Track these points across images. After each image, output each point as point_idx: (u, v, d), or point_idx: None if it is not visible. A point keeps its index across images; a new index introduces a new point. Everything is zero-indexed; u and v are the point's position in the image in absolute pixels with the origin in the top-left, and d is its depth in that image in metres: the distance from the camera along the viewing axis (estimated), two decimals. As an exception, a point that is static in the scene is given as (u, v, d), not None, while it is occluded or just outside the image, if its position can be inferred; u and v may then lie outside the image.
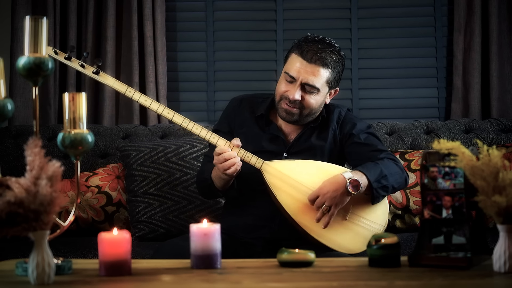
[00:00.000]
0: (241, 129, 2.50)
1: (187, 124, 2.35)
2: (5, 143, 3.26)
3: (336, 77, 2.41)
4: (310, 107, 2.39)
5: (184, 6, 3.73)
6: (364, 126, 2.51)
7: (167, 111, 2.36)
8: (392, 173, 2.35)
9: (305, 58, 2.35)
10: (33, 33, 1.60)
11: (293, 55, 2.40)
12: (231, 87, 3.70)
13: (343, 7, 3.71)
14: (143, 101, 2.36)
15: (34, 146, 1.53)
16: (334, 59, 2.38)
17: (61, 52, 2.28)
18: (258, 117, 2.49)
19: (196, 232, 1.71)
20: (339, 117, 2.50)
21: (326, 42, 2.40)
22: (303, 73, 2.35)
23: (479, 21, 3.49)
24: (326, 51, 2.37)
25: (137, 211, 2.98)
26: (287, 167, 2.35)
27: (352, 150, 2.47)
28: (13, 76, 3.48)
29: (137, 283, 1.58)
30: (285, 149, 2.46)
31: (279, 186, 2.33)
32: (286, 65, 2.41)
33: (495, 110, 3.47)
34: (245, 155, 2.34)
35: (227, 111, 2.58)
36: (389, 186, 2.35)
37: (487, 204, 1.56)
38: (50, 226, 1.51)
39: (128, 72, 3.55)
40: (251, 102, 2.55)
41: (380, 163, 2.36)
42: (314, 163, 2.38)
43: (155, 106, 2.35)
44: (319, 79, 2.36)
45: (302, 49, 2.37)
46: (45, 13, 3.48)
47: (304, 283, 1.54)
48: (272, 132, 2.47)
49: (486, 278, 1.55)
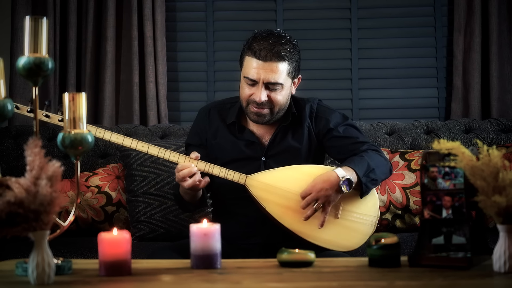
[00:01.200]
0: (215, 140, 2.46)
1: (163, 153, 2.32)
2: (5, 143, 3.26)
3: (295, 66, 2.36)
4: (279, 103, 2.35)
5: (184, 6, 3.74)
6: (340, 119, 2.46)
7: (141, 145, 2.33)
8: (378, 165, 2.34)
9: (259, 58, 2.29)
10: (33, 33, 1.60)
11: (247, 57, 2.33)
12: (231, 87, 3.69)
13: (343, 7, 3.71)
14: (115, 138, 2.33)
15: (34, 146, 1.53)
16: (288, 49, 2.32)
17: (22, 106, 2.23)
18: (230, 125, 2.45)
19: (196, 232, 1.71)
20: (311, 111, 2.45)
21: (275, 35, 2.33)
22: (262, 73, 2.30)
23: (479, 21, 3.49)
24: (279, 44, 2.31)
25: (137, 211, 2.98)
26: (271, 177, 2.33)
27: (332, 144, 2.43)
28: (13, 76, 3.48)
29: (137, 283, 1.58)
30: (262, 153, 2.42)
31: (266, 197, 2.31)
32: (243, 69, 2.34)
33: (495, 110, 3.47)
34: (226, 174, 2.32)
35: (197, 123, 2.53)
36: (378, 179, 2.34)
37: (487, 204, 1.56)
38: (50, 226, 1.51)
39: (128, 72, 3.55)
40: (219, 110, 2.49)
41: (365, 156, 2.34)
42: (297, 167, 2.36)
43: (128, 142, 2.33)
44: (279, 74, 2.31)
45: (255, 49, 2.30)
46: (45, 13, 3.48)
47: (304, 283, 1.54)
48: (246, 138, 2.43)
49: (486, 278, 1.55)
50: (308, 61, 3.66)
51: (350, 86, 3.68)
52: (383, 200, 2.98)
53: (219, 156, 2.42)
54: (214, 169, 2.32)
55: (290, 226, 2.29)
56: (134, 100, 3.53)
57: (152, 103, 3.53)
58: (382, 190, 2.98)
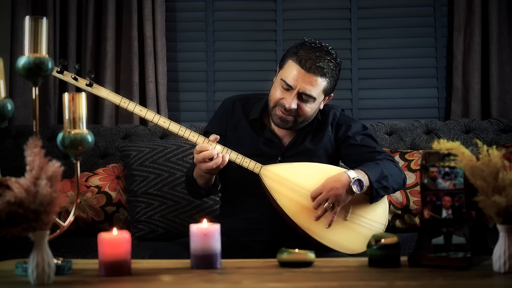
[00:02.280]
0: (234, 133, 2.46)
1: (184, 132, 2.32)
2: (5, 143, 3.26)
3: (332, 85, 2.37)
4: (305, 115, 2.36)
5: (184, 6, 3.74)
6: (359, 128, 2.49)
7: (162, 120, 2.32)
8: (392, 174, 2.35)
9: (303, 67, 2.29)
10: (33, 33, 1.60)
11: (290, 61, 2.32)
12: (231, 87, 3.70)
13: (343, 7, 3.71)
14: (138, 111, 2.32)
15: (34, 146, 1.53)
16: (332, 67, 2.32)
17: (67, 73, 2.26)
18: (252, 121, 2.46)
19: (196, 232, 1.71)
20: (334, 119, 2.48)
21: (324, 50, 2.33)
22: (300, 82, 2.29)
23: (479, 21, 3.49)
24: (324, 60, 2.30)
25: (137, 211, 2.98)
26: (286, 170, 2.34)
27: (349, 152, 2.46)
28: (13, 76, 3.48)
29: (137, 283, 1.58)
30: (280, 153, 2.43)
31: (279, 189, 2.31)
32: (283, 71, 2.34)
33: (495, 110, 3.47)
34: (243, 161, 2.32)
35: (220, 113, 2.53)
36: (389, 187, 2.35)
37: (487, 204, 1.56)
38: (50, 226, 1.51)
39: (128, 72, 3.55)
40: (244, 104, 2.50)
41: (380, 163, 2.35)
42: (312, 165, 2.37)
43: (150, 116, 2.32)
44: (316, 88, 2.31)
45: (300, 57, 2.29)
46: (45, 13, 3.48)
47: (304, 283, 1.54)
48: (266, 136, 2.44)
49: (486, 278, 1.55)
50: (308, 61, 3.66)
51: (350, 86, 3.68)
52: (383, 200, 2.98)
53: (236, 149, 2.39)
54: (231, 154, 2.31)
55: (298, 221, 2.29)
56: (134, 100, 3.52)
57: (152, 103, 3.53)
58: (382, 190, 2.98)
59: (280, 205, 2.30)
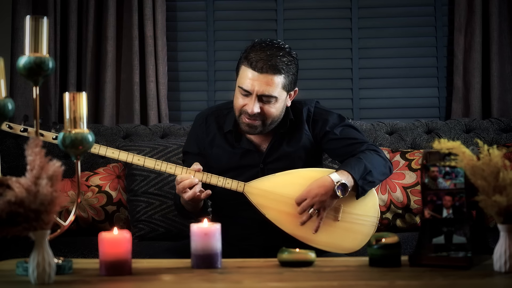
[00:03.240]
0: (212, 149, 2.44)
1: (160, 165, 2.31)
2: (6, 143, 3.26)
3: (292, 79, 2.32)
4: (272, 116, 2.32)
5: (184, 6, 3.74)
6: (337, 120, 2.43)
7: (137, 158, 2.32)
8: (375, 166, 2.30)
9: (255, 69, 2.25)
10: (33, 32, 1.60)
11: (243, 67, 2.29)
12: (231, 87, 3.64)
13: (343, 6, 3.71)
14: (110, 153, 2.33)
15: (35, 145, 1.53)
16: (286, 62, 2.28)
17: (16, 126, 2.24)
18: (227, 133, 2.43)
19: (196, 231, 1.71)
20: (309, 115, 2.43)
21: (274, 47, 2.28)
22: (256, 85, 2.26)
23: (479, 20, 3.49)
24: (276, 57, 2.26)
25: (138, 210, 2.98)
26: (269, 183, 2.31)
27: (330, 147, 2.41)
28: (13, 76, 3.48)
29: (138, 282, 1.58)
30: (260, 160, 2.40)
31: (266, 204, 2.30)
32: (238, 78, 2.31)
33: (495, 110, 3.47)
34: (224, 182, 2.31)
35: (194, 132, 2.50)
36: (375, 180, 2.31)
37: (488, 203, 1.56)
38: (50, 225, 1.51)
39: (128, 71, 3.55)
40: (217, 116, 2.47)
41: (363, 157, 2.31)
42: (295, 172, 2.34)
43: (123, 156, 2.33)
44: (274, 87, 2.27)
45: (251, 60, 2.25)
46: (45, 13, 3.48)
47: (305, 283, 1.54)
48: (243, 146, 2.41)
49: (486, 278, 1.55)
50: (308, 61, 3.66)
51: (350, 85, 3.68)
52: (384, 199, 2.98)
53: (216, 165, 2.39)
54: (212, 178, 2.30)
55: (291, 231, 2.29)
56: (134, 99, 3.53)
57: (153, 103, 3.53)
58: (382, 190, 2.98)
59: (270, 219, 2.30)
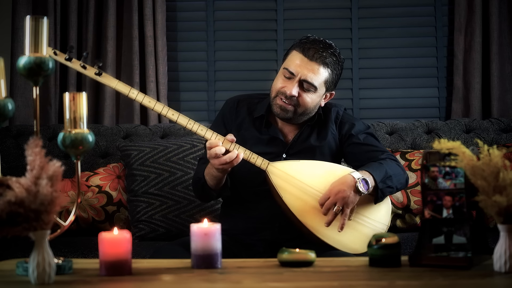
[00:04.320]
0: (239, 132, 2.46)
1: (192, 125, 2.30)
2: (6, 143, 3.26)
3: (334, 79, 2.39)
4: (305, 106, 2.36)
5: (184, 6, 3.74)
6: (362, 127, 2.50)
7: (171, 113, 2.29)
8: (395, 174, 2.35)
9: (306, 55, 2.34)
10: (33, 33, 1.60)
11: (294, 51, 2.38)
12: (231, 87, 3.70)
13: (343, 6, 3.71)
14: (147, 102, 2.29)
15: (35, 145, 1.53)
16: (334, 60, 2.37)
17: (61, 53, 2.20)
18: (256, 119, 2.46)
19: (196, 231, 1.71)
20: (337, 117, 2.49)
21: (328, 44, 2.39)
22: (303, 69, 2.33)
23: (479, 21, 3.49)
24: (328, 51, 2.36)
25: (138, 210, 2.98)
26: (293, 168, 2.33)
27: (351, 150, 2.46)
28: (13, 76, 3.48)
29: (138, 282, 1.58)
30: (284, 150, 2.44)
31: (285, 187, 2.31)
32: (286, 61, 2.39)
33: (495, 110, 3.47)
34: (250, 156, 2.32)
35: (224, 112, 2.53)
36: (394, 186, 2.35)
37: (488, 204, 1.56)
38: (50, 225, 1.51)
39: (128, 72, 3.55)
40: (248, 103, 2.52)
41: (383, 163, 2.36)
42: (319, 163, 2.37)
43: (159, 107, 2.30)
44: (318, 77, 2.34)
45: (304, 46, 2.35)
46: (45, 13, 3.48)
47: (305, 283, 1.54)
48: (270, 133, 2.45)
49: (486, 278, 1.55)
50: (309, 60, 3.66)
51: (350, 85, 3.69)
52: (384, 199, 2.98)
53: None
54: (239, 149, 2.28)
55: (304, 220, 2.29)
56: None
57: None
58: (382, 190, 2.98)
59: (286, 203, 2.30)
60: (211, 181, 2.35)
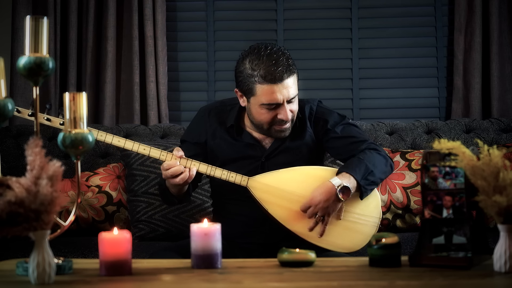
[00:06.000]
0: (214, 140, 2.45)
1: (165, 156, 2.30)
2: (6, 143, 3.26)
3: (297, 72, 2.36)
4: (296, 112, 2.38)
5: (184, 6, 3.74)
6: (337, 118, 2.46)
7: (142, 148, 2.33)
8: (377, 165, 2.32)
9: (276, 81, 2.26)
10: (33, 33, 1.60)
11: (258, 85, 2.28)
12: (231, 87, 3.65)
13: (343, 7, 3.71)
14: (116, 142, 2.34)
15: (35, 145, 1.53)
16: (289, 60, 2.30)
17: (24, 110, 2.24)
18: (229, 127, 2.45)
19: (196, 232, 1.71)
20: (311, 113, 2.46)
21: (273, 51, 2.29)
22: (284, 93, 2.28)
23: (479, 21, 3.49)
24: (283, 59, 2.28)
25: (138, 210, 2.98)
26: (273, 178, 2.33)
27: (331, 145, 2.44)
28: (13, 76, 3.48)
29: (138, 282, 1.58)
30: (263, 154, 2.42)
31: (269, 199, 2.31)
32: (258, 97, 2.29)
33: (495, 110, 3.47)
34: (228, 176, 2.32)
35: (197, 121, 2.52)
36: (376, 180, 2.33)
37: (488, 204, 1.56)
38: (50, 225, 1.51)
39: (128, 72, 3.55)
40: (220, 111, 2.49)
41: (363, 157, 2.33)
42: (299, 169, 2.36)
43: (129, 145, 2.34)
44: (295, 87, 2.32)
45: (267, 75, 2.25)
46: (45, 13, 3.48)
47: (305, 283, 1.54)
48: (245, 140, 2.43)
49: (486, 278, 1.55)
50: (308, 61, 3.66)
51: (350, 85, 3.68)
52: (384, 199, 2.98)
53: (219, 155, 2.42)
54: (216, 171, 2.31)
55: (292, 228, 2.30)
56: (134, 99, 3.53)
57: (153, 103, 3.53)
58: (382, 190, 2.98)
59: (272, 214, 2.31)
60: (172, 189, 2.36)
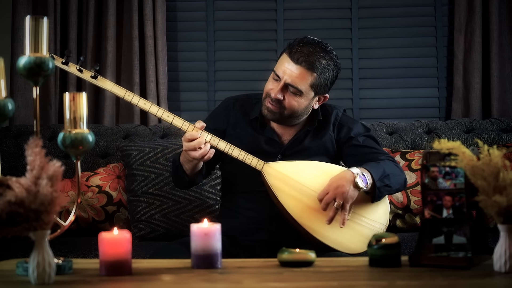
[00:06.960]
0: (235, 130, 2.47)
1: (187, 126, 2.31)
2: (6, 143, 3.26)
3: (323, 83, 2.34)
4: (292, 109, 2.35)
5: (184, 6, 3.74)
6: (361, 129, 2.50)
7: (166, 114, 2.32)
8: (394, 174, 2.35)
9: (292, 59, 2.31)
10: (33, 33, 1.60)
11: (284, 54, 2.36)
12: (231, 87, 3.70)
13: (343, 6, 3.71)
14: (142, 104, 2.32)
15: (35, 145, 1.53)
16: (324, 64, 2.32)
17: (58, 57, 2.23)
18: (252, 120, 2.47)
19: (196, 231, 1.71)
20: (336, 119, 2.48)
21: (320, 47, 2.34)
22: (287, 73, 2.31)
23: (479, 21, 3.49)
24: (316, 55, 2.31)
25: (138, 210, 2.98)
26: (289, 168, 2.33)
27: (351, 152, 2.46)
28: (13, 76, 3.48)
29: (138, 282, 1.58)
30: (280, 151, 2.44)
31: (281, 187, 2.31)
32: (277, 64, 2.38)
33: (495, 110, 3.47)
34: (245, 157, 2.33)
35: (221, 109, 2.55)
36: (392, 186, 2.34)
37: (488, 204, 1.56)
38: (50, 225, 1.51)
39: (128, 72, 3.55)
40: (245, 103, 2.52)
41: (381, 163, 2.35)
42: (315, 163, 2.37)
43: (154, 110, 2.32)
44: (303, 82, 2.31)
45: (292, 50, 2.32)
46: (45, 13, 3.48)
47: (305, 283, 1.54)
48: (266, 134, 2.45)
49: (486, 278, 1.55)
50: (309, 60, 3.66)
51: (350, 85, 3.69)
52: (384, 199, 2.98)
53: (237, 145, 2.39)
54: (234, 150, 2.32)
55: (300, 220, 2.28)
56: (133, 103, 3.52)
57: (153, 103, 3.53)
58: (382, 190, 2.98)
59: (282, 203, 2.30)
60: (187, 165, 2.36)
